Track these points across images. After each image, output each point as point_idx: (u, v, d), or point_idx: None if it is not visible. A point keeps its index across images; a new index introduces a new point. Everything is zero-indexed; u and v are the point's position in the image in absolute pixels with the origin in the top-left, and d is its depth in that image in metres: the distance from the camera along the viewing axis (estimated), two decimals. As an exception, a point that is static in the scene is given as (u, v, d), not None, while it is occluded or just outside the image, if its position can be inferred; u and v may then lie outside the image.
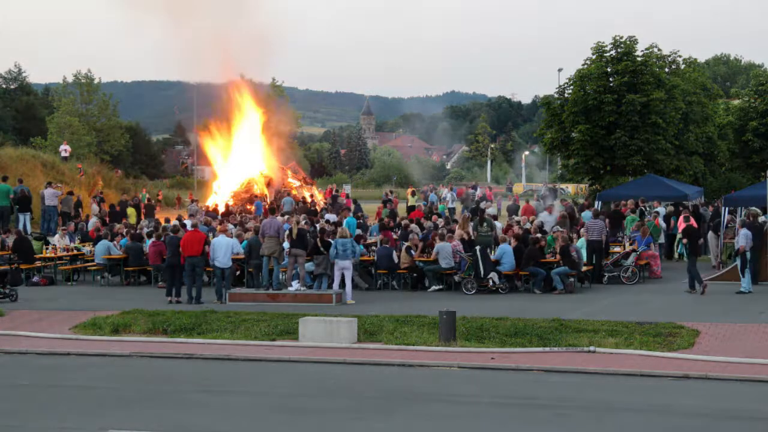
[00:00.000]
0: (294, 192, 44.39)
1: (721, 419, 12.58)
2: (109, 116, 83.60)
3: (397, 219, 33.92)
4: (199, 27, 45.33)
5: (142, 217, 37.68)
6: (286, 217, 28.58)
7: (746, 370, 15.12)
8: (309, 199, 43.96)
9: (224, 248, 23.70)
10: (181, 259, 23.63)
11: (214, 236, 25.58)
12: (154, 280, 26.62)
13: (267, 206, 34.08)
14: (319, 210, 38.69)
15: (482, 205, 41.27)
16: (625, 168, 42.24)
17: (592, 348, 16.69)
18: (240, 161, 46.75)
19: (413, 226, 29.48)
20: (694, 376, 14.89)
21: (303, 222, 27.51)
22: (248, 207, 40.84)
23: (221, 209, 40.00)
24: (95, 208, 37.52)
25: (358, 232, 29.49)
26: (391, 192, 50.01)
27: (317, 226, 27.64)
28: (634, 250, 26.52)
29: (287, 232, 24.30)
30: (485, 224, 26.76)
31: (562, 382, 14.79)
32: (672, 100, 41.82)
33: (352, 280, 23.71)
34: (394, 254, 25.70)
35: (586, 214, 30.86)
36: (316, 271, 23.92)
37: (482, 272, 24.28)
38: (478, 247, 24.65)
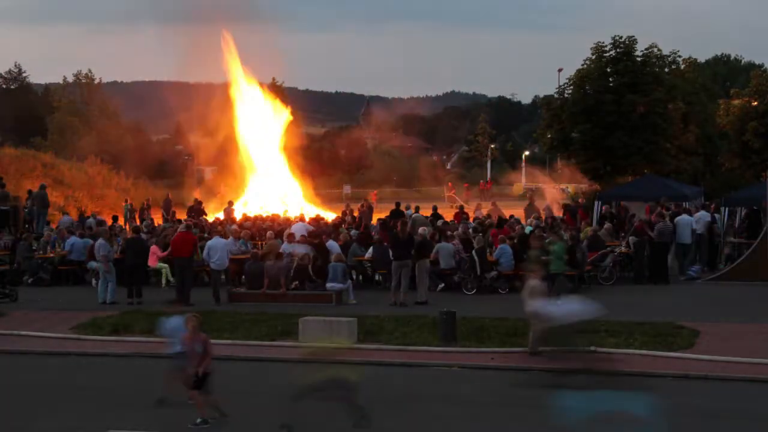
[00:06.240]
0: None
1: (721, 419, 12.57)
2: (109, 116, 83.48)
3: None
4: (200, 27, 45.21)
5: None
6: None
7: (746, 370, 15.12)
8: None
9: (220, 249, 23.70)
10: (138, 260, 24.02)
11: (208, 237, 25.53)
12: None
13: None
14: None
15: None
16: (625, 168, 42.23)
17: (592, 348, 16.67)
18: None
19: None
20: (694, 376, 14.89)
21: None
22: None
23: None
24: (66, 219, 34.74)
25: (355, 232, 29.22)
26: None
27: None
28: (612, 251, 26.48)
29: None
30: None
31: (562, 382, 14.75)
32: (672, 100, 41.83)
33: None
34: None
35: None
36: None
37: (479, 271, 24.33)
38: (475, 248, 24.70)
